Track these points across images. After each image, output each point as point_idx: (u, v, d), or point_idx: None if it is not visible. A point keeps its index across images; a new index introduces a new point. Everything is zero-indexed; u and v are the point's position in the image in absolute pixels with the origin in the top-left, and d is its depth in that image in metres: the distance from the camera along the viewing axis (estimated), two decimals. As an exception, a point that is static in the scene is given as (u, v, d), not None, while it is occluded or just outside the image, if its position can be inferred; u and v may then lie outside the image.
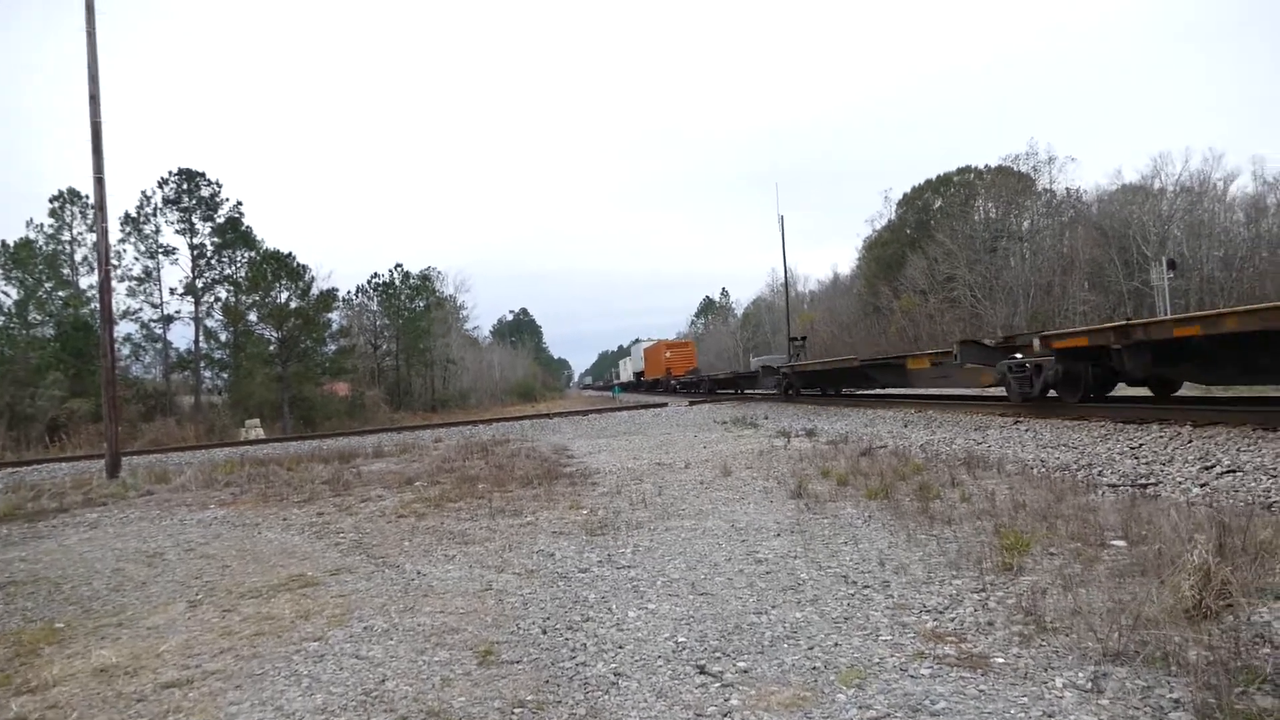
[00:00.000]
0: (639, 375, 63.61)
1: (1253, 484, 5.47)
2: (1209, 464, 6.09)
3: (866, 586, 4.08)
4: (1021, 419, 9.88)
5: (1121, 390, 10.81)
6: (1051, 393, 10.65)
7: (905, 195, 68.26)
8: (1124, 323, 8.92)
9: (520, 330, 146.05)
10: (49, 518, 9.57)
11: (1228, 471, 5.81)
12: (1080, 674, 2.78)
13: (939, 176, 65.39)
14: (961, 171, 64.01)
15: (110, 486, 12.47)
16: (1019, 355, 11.03)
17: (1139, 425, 7.97)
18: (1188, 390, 10.56)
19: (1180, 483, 5.90)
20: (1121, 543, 4.42)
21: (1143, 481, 6.10)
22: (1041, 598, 3.54)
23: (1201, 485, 5.68)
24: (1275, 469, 5.61)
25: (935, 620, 3.49)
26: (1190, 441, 6.84)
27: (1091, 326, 9.70)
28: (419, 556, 5.73)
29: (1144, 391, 10.44)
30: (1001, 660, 2.98)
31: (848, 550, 4.88)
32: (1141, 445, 7.19)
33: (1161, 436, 7.25)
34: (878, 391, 18.27)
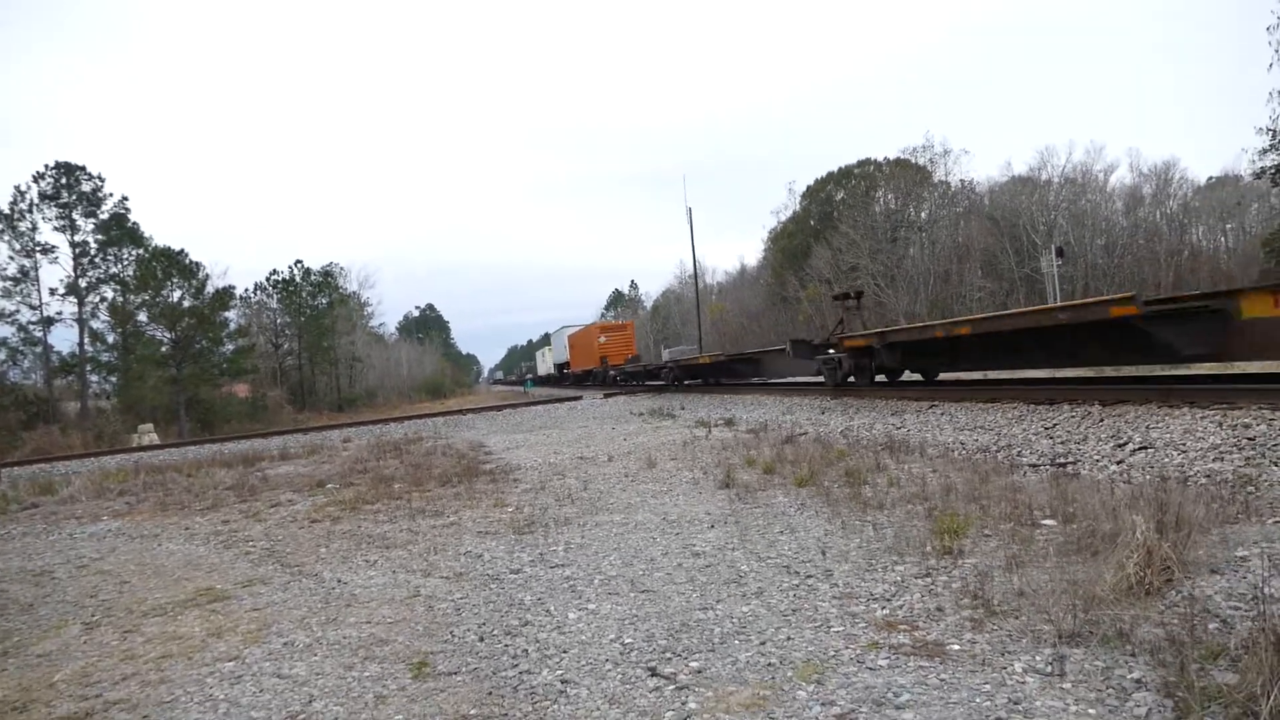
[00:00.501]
0: (562, 367, 54.67)
1: (1165, 459, 5.65)
2: (1121, 441, 6.28)
3: (810, 576, 4.02)
4: (936, 403, 10.08)
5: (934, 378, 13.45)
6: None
7: (809, 187, 69.67)
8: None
9: (427, 326, 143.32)
10: (-81, 537, 8.80)
11: (1140, 448, 6.00)
12: (1038, 657, 2.75)
13: (841, 169, 66.93)
14: (862, 164, 65.64)
15: (-12, 500, 11.58)
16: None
17: (1050, 405, 8.20)
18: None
19: (1097, 460, 6.06)
20: (1052, 522, 4.48)
21: (1061, 460, 6.25)
22: (986, 581, 3.53)
23: (1118, 463, 5.84)
24: (1184, 445, 5.80)
25: (884, 608, 3.44)
26: (1101, 420, 7.05)
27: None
28: (338, 563, 5.43)
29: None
30: (957, 647, 2.94)
31: (785, 540, 4.82)
32: (1055, 425, 7.38)
33: (1073, 416, 7.46)
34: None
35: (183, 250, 45.05)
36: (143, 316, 43.94)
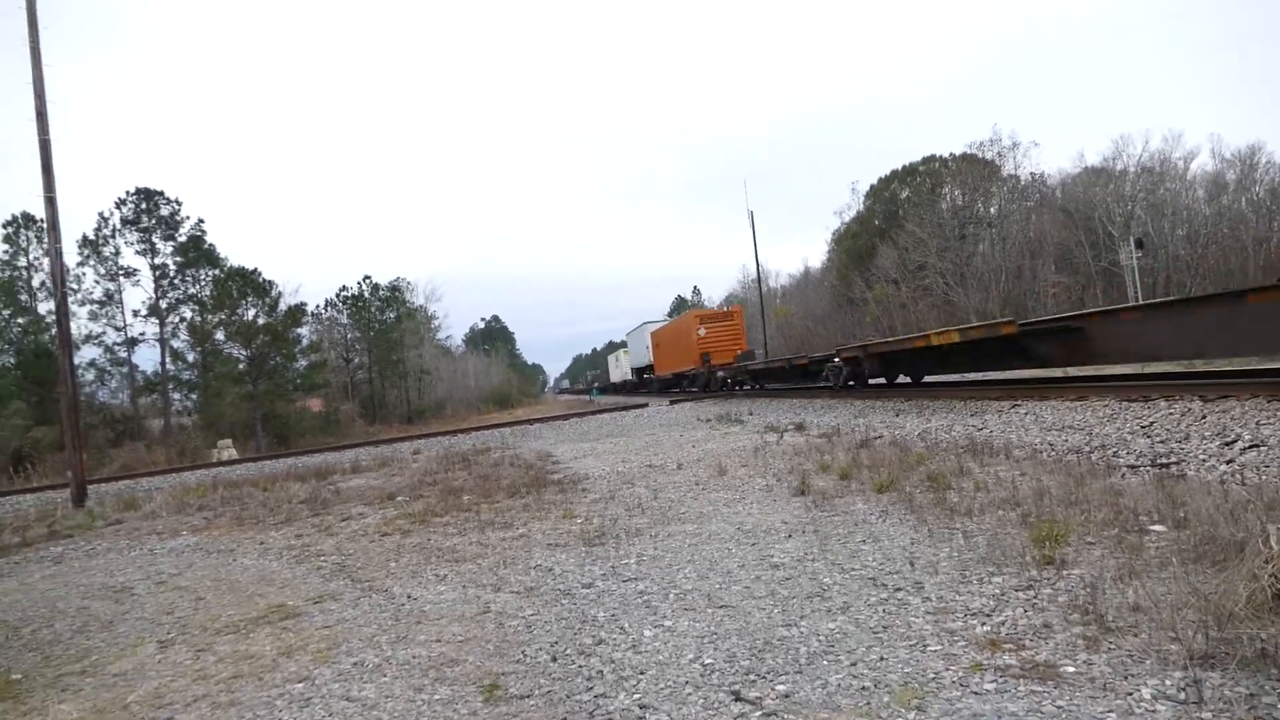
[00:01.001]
0: (643, 371, 46.09)
1: (1281, 458, 5.24)
2: (1229, 439, 5.86)
3: (899, 589, 3.77)
4: (1019, 402, 9.65)
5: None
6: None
7: (872, 187, 68.56)
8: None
9: (493, 338, 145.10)
10: (10, 553, 9.05)
11: (1251, 447, 5.58)
12: (1168, 681, 2.48)
13: (905, 167, 65.69)
14: (927, 161, 64.32)
15: (76, 517, 11.93)
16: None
17: (1144, 403, 7.75)
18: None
19: (1204, 460, 5.66)
20: (1161, 527, 4.15)
21: (1163, 461, 5.85)
22: (1096, 594, 3.25)
23: (1227, 462, 5.44)
24: (1302, 441, 5.38)
25: (985, 625, 3.18)
26: (1204, 417, 6.61)
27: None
28: (407, 578, 5.35)
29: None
30: (1072, 669, 2.68)
31: (869, 549, 4.57)
32: (1152, 423, 6.95)
33: (1171, 413, 7.02)
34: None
35: (256, 269, 46.47)
36: (220, 335, 45.34)
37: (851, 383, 15.67)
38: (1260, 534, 3.18)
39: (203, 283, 46.26)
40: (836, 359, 16.06)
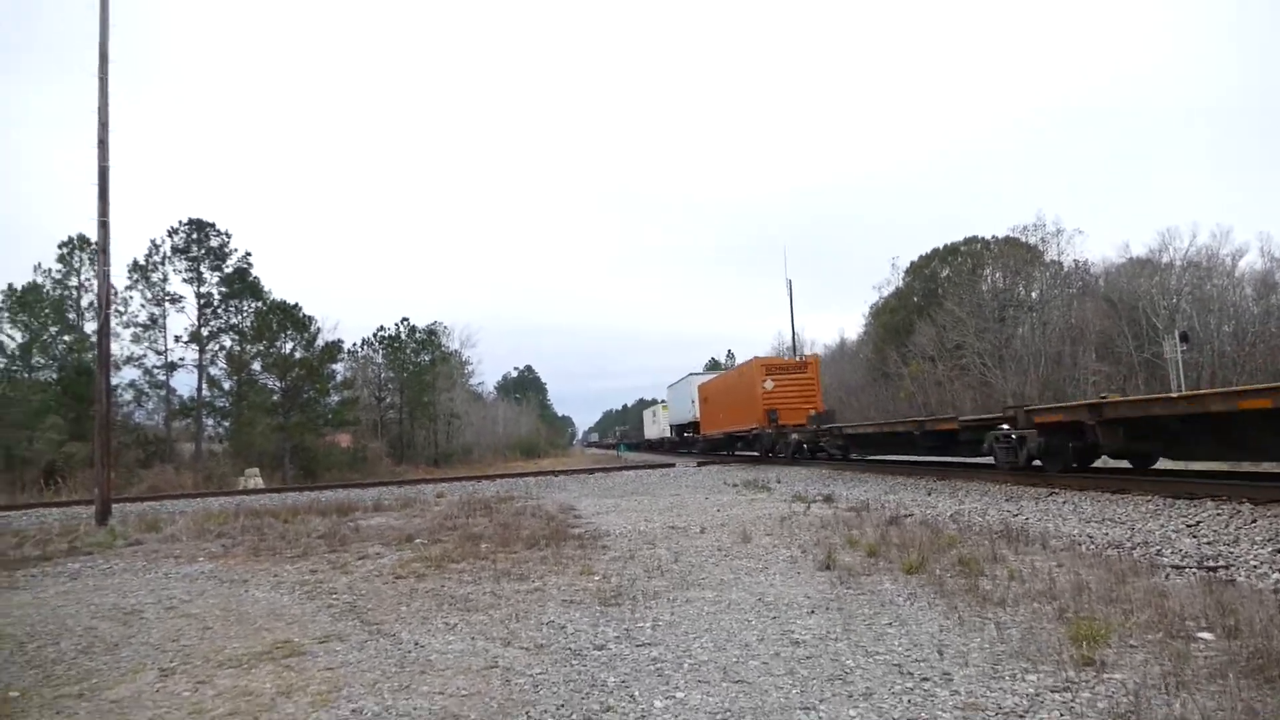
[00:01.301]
0: (684, 429, 40.98)
1: (1338, 570, 4.97)
2: (1281, 546, 5.59)
3: (925, 679, 3.58)
4: (1056, 490, 9.36)
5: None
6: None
7: (913, 263, 68.34)
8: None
9: (525, 387, 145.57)
10: (29, 566, 9.06)
11: (1305, 555, 5.32)
12: (1220, 807, 2.28)
13: (946, 246, 65.49)
14: (969, 241, 64.12)
15: (98, 535, 11.95)
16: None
17: (1190, 500, 7.47)
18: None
19: (1255, 566, 5.39)
20: (1210, 635, 3.92)
21: (1210, 564, 5.59)
22: (1140, 703, 3.04)
23: None
24: (1360, 554, 5.11)
25: (1018, 726, 2.99)
26: (1254, 521, 6.33)
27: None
28: (417, 624, 5.22)
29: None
30: (1113, 783, 2.48)
31: (895, 633, 4.37)
32: (1199, 523, 6.68)
33: (1219, 514, 6.75)
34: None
35: (297, 304, 47.11)
36: (257, 365, 45.83)
37: (1038, 461, 11.29)
38: (1320, 651, 2.97)
39: (245, 314, 47.00)
40: (1007, 427, 11.82)
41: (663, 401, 52.34)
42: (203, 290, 46.06)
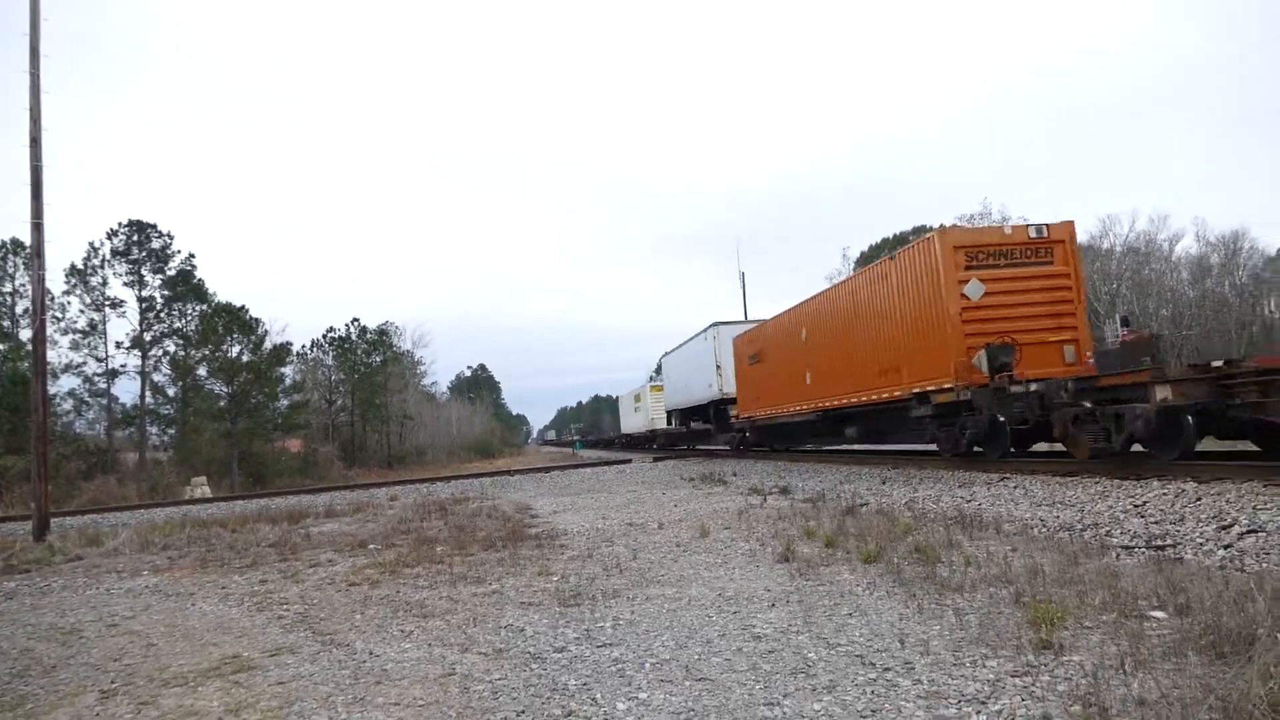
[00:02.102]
0: (691, 415, 29.34)
1: (1281, 545, 5.09)
2: (1225, 523, 5.72)
3: (888, 669, 3.57)
4: (1007, 475, 9.50)
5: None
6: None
7: (863, 254, 69.18)
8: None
9: (479, 386, 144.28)
10: (-38, 587, 8.69)
11: (1249, 532, 5.44)
12: (1182, 788, 2.29)
13: (895, 235, 66.43)
14: (917, 230, 65.16)
15: (36, 551, 11.52)
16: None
17: (1138, 481, 7.62)
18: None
19: (1201, 544, 5.50)
20: (1162, 614, 3.98)
21: (1158, 543, 5.70)
22: (1099, 684, 3.06)
23: (1225, 547, 5.29)
24: (1301, 529, 5.24)
25: (980, 713, 2.98)
26: (1199, 499, 6.48)
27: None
28: (371, 633, 5.10)
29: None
30: (1077, 768, 2.48)
31: (856, 624, 4.37)
32: (1145, 503, 6.81)
33: (1165, 494, 6.89)
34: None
35: (244, 306, 46.09)
36: (202, 370, 44.76)
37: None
38: (1271, 627, 3.02)
39: (189, 317, 45.83)
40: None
41: (652, 381, 37.89)
42: (144, 294, 44.77)
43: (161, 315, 45.21)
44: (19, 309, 44.11)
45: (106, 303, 43.79)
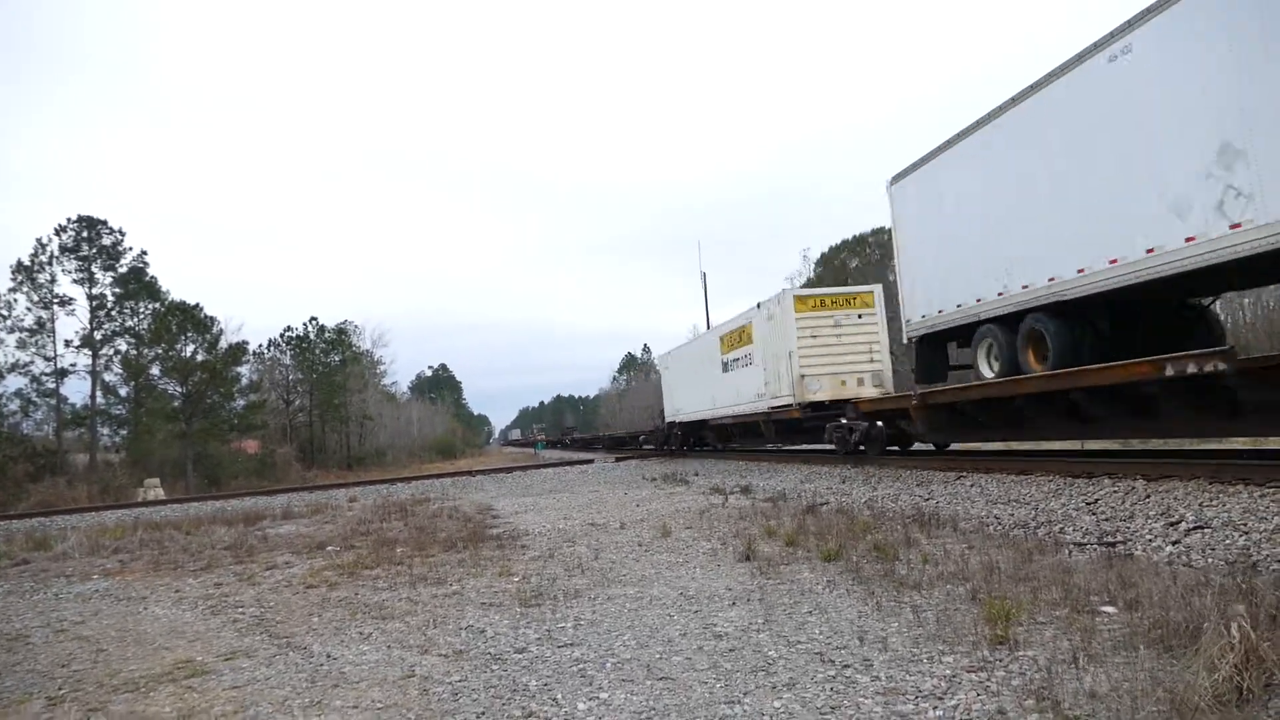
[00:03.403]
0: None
1: (1226, 541, 5.23)
2: (1173, 520, 5.86)
3: (847, 666, 3.61)
4: (964, 474, 9.65)
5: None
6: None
7: (823, 255, 69.80)
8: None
9: (440, 386, 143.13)
10: (-99, 593, 8.42)
11: (1196, 528, 5.58)
12: (1131, 779, 2.34)
13: (855, 237, 67.12)
14: (876, 233, 65.84)
15: (-20, 555, 11.21)
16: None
17: (1089, 479, 7.78)
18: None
19: (1150, 540, 5.63)
20: (1112, 609, 4.07)
21: (1109, 540, 5.82)
22: (1051, 678, 3.12)
23: (1173, 543, 5.42)
24: (1245, 525, 5.39)
25: (937, 709, 3.02)
26: (1148, 497, 6.63)
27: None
28: (329, 635, 5.03)
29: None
30: (1030, 761, 2.53)
31: (815, 621, 4.41)
32: (1097, 500, 6.96)
33: (1116, 491, 7.04)
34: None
35: (198, 305, 45.33)
36: (155, 370, 43.94)
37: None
38: (1217, 620, 3.10)
39: (141, 315, 44.92)
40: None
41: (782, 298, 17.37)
42: (95, 291, 43.81)
43: (113, 313, 44.27)
44: (-36, 307, 42.94)
45: (55, 300, 42.77)
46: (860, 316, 15.65)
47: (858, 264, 64.39)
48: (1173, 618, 3.61)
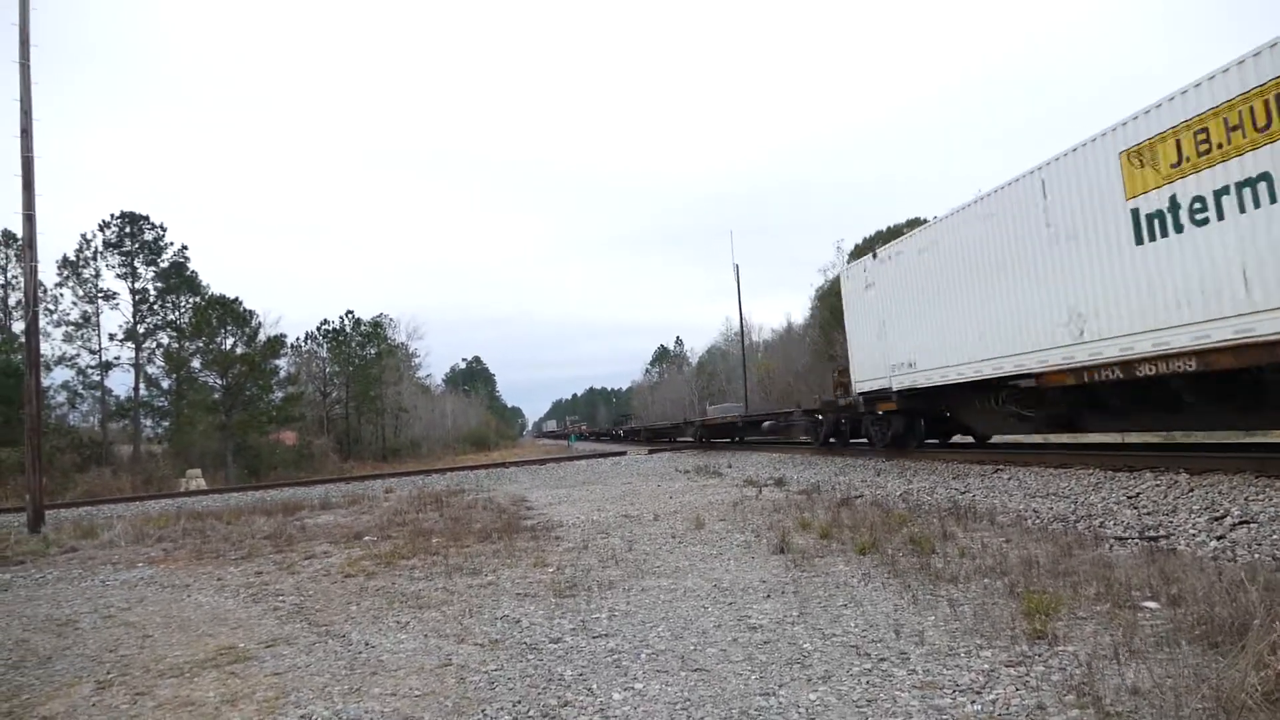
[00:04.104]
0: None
1: (1273, 536, 5.12)
2: (1218, 514, 5.75)
3: (883, 659, 3.59)
4: (1001, 467, 9.53)
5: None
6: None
7: (857, 245, 68.93)
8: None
9: (474, 378, 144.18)
10: (-44, 579, 8.67)
11: (1241, 523, 5.47)
12: (1175, 776, 2.31)
13: (889, 228, 66.29)
14: (911, 223, 65.08)
15: (30, 542, 11.50)
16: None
17: (1130, 473, 7.65)
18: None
19: (1193, 535, 5.53)
20: (1155, 604, 4.00)
21: (1151, 534, 5.72)
22: (1093, 674, 3.08)
23: (1218, 538, 5.32)
24: (1293, 520, 5.27)
25: (975, 703, 3.00)
26: (1191, 490, 6.51)
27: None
28: (367, 623, 5.10)
29: None
30: (1071, 757, 2.50)
31: (851, 614, 4.39)
32: (1139, 494, 6.85)
33: (1158, 485, 6.92)
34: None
35: (237, 298, 46.04)
36: (196, 363, 44.72)
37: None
38: (1264, 616, 3.04)
39: (182, 309, 45.76)
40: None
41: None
42: (138, 286, 44.71)
43: (155, 307, 45.15)
44: (11, 301, 44.08)
45: (99, 294, 43.74)
46: None
47: (893, 255, 63.70)
48: (1218, 614, 3.54)
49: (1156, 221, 7.87)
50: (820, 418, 17.01)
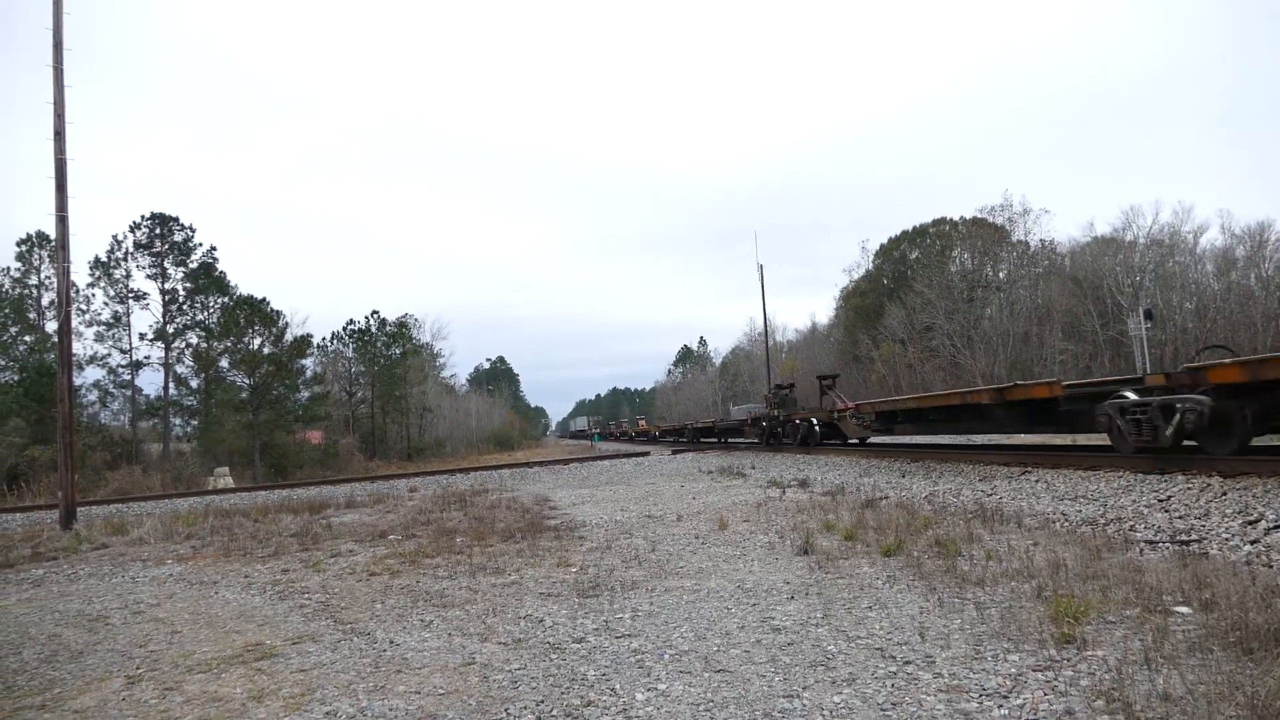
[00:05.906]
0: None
1: (1309, 541, 5.02)
2: (1252, 519, 5.65)
3: (908, 662, 3.56)
4: (1029, 469, 9.43)
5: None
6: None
7: (882, 246, 68.76)
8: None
9: (497, 378, 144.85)
10: (-9, 574, 8.82)
11: (1276, 527, 5.37)
12: (1208, 785, 2.27)
13: (915, 228, 65.93)
14: (937, 223, 64.59)
15: (63, 539, 11.68)
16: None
17: (1162, 476, 7.55)
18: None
19: (1226, 539, 5.44)
20: (1187, 609, 3.94)
21: (1183, 538, 5.64)
22: (1122, 678, 3.04)
23: (1252, 542, 5.22)
24: (1329, 524, 5.16)
25: (1002, 708, 2.96)
26: (1224, 494, 6.40)
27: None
28: (392, 622, 5.13)
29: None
30: (1101, 763, 2.46)
31: (875, 617, 4.36)
32: (1170, 497, 6.74)
33: (1190, 488, 6.81)
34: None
35: (264, 299, 46.48)
36: (224, 362, 45.23)
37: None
38: (1299, 623, 2.98)
39: (211, 309, 46.38)
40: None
41: None
42: (167, 286, 45.38)
43: (184, 307, 45.80)
44: (45, 301, 44.87)
45: (130, 295, 44.45)
46: None
47: (917, 255, 63.30)
48: (1252, 619, 3.48)
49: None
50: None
